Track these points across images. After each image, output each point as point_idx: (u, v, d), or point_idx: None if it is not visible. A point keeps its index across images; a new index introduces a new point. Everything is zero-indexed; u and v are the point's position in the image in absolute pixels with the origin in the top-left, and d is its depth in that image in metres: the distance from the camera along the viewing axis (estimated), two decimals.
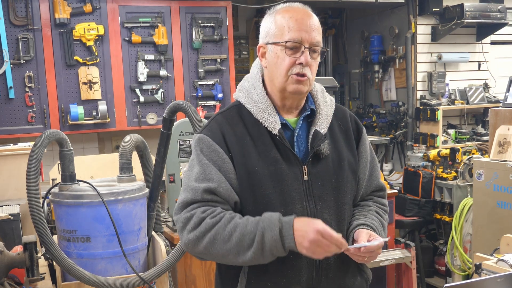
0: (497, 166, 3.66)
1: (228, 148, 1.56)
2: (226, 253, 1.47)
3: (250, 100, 1.61)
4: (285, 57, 1.54)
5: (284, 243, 1.41)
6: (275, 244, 1.41)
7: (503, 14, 5.23)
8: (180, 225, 1.54)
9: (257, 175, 1.53)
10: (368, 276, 1.70)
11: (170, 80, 4.57)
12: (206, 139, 1.57)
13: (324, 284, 1.57)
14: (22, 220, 2.68)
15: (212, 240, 1.47)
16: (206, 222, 1.48)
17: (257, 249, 1.43)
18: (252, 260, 1.45)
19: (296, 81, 1.54)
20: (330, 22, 6.36)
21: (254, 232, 1.43)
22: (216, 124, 1.60)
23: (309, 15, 1.57)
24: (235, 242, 1.44)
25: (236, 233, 1.45)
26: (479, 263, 2.18)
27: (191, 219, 1.50)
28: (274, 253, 1.43)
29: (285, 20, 1.55)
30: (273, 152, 1.55)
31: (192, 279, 3.08)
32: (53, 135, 2.33)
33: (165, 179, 3.02)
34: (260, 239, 1.42)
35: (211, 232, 1.47)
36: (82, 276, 2.22)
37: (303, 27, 1.53)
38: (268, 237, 1.41)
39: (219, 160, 1.55)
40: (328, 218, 1.57)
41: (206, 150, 1.56)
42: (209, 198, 1.52)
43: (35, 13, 4.11)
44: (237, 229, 1.45)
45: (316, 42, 1.55)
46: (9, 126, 4.11)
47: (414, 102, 5.42)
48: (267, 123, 1.57)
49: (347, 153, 1.65)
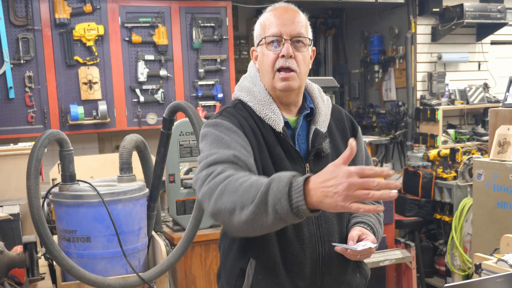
0: (497, 166, 3.66)
1: (247, 136, 1.53)
2: (232, 206, 1.28)
3: (253, 98, 1.61)
4: (269, 53, 1.56)
5: (291, 197, 1.21)
6: (279, 196, 1.21)
7: (503, 14, 5.23)
8: (199, 183, 1.40)
9: (267, 169, 1.53)
10: (367, 273, 1.72)
11: (170, 80, 4.57)
12: (224, 122, 1.52)
13: (327, 280, 1.59)
14: (22, 220, 2.68)
15: (222, 190, 1.31)
16: (224, 174, 1.35)
17: (260, 200, 1.23)
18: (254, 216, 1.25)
19: (281, 78, 1.55)
20: (330, 22, 6.36)
21: (261, 184, 1.26)
22: (230, 114, 1.58)
23: (289, 10, 1.59)
24: (241, 192, 1.28)
25: (246, 183, 1.29)
26: (479, 263, 2.17)
27: (211, 174, 1.38)
28: (278, 210, 1.21)
29: (266, 18, 1.59)
30: (278, 149, 1.56)
31: (192, 279, 3.08)
32: (53, 135, 2.33)
33: (165, 179, 3.02)
34: (265, 189, 1.24)
35: (223, 183, 1.33)
36: (82, 276, 2.22)
37: (282, 21, 1.55)
38: (274, 187, 1.23)
39: (242, 141, 1.49)
40: (330, 215, 1.59)
41: (226, 131, 1.49)
42: (235, 161, 1.41)
43: (35, 13, 4.11)
44: (248, 180, 1.30)
45: (297, 33, 1.55)
46: (9, 126, 4.11)
47: (414, 102, 5.42)
48: (270, 121, 1.57)
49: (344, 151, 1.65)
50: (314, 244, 1.56)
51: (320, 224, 1.57)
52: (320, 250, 1.57)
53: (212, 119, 1.58)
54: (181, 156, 3.05)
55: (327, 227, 1.58)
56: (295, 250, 1.52)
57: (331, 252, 1.57)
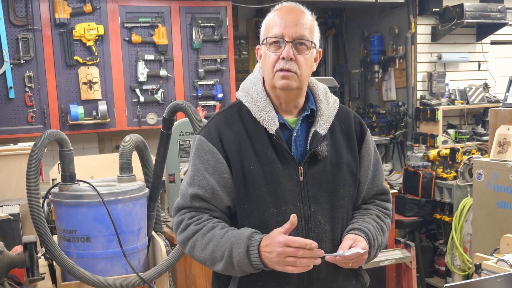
0: (497, 166, 3.66)
1: (224, 148, 1.57)
2: (203, 261, 1.55)
3: (250, 99, 1.61)
4: (270, 54, 1.55)
5: (250, 261, 1.44)
6: (241, 261, 1.45)
7: (503, 14, 5.23)
8: (174, 227, 1.62)
9: (251, 174, 1.53)
10: (365, 280, 1.68)
11: (170, 80, 4.57)
12: (202, 140, 1.60)
13: (316, 285, 1.55)
14: (22, 220, 2.68)
15: (192, 246, 1.55)
16: (190, 228, 1.55)
17: (227, 263, 1.48)
18: (225, 271, 1.51)
19: (281, 77, 1.53)
20: (330, 22, 6.36)
21: (225, 246, 1.48)
22: (214, 125, 1.61)
23: (294, 11, 1.55)
24: (209, 252, 1.51)
25: (211, 244, 1.50)
26: (479, 263, 2.17)
27: (181, 224, 1.58)
28: (243, 269, 1.47)
29: (271, 18, 1.57)
30: (269, 151, 1.55)
31: (192, 279, 3.08)
32: (53, 135, 2.33)
33: (165, 179, 3.02)
34: (229, 254, 1.47)
35: (192, 239, 1.54)
36: (82, 276, 2.22)
37: (286, 22, 1.53)
38: (236, 253, 1.45)
39: (214, 161, 1.57)
40: (322, 220, 1.55)
41: (202, 151, 1.59)
42: (198, 205, 1.58)
43: (35, 13, 4.11)
44: (213, 239, 1.50)
45: (299, 35, 1.52)
46: (9, 126, 4.11)
47: (414, 102, 5.42)
48: (265, 122, 1.56)
49: (347, 155, 1.62)
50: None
51: (310, 229, 1.54)
52: None
53: (200, 130, 1.66)
54: (181, 156, 3.06)
55: (317, 231, 1.54)
56: None
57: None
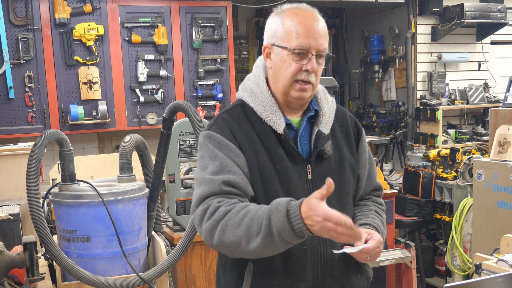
0: (497, 166, 3.66)
1: (239, 144, 1.55)
2: (237, 240, 1.41)
3: (255, 99, 1.61)
4: (292, 63, 1.54)
5: (292, 225, 1.33)
6: (282, 226, 1.34)
7: (503, 14, 5.23)
8: (198, 219, 1.49)
9: (266, 171, 1.54)
10: (369, 274, 1.72)
11: (170, 80, 4.57)
12: (216, 135, 1.56)
13: (329, 282, 1.59)
14: (22, 220, 2.68)
15: (224, 227, 1.42)
16: (221, 210, 1.44)
17: (266, 233, 1.36)
18: (263, 246, 1.38)
19: (300, 89, 1.55)
20: (330, 22, 6.37)
21: (262, 216, 1.38)
22: (223, 122, 1.60)
23: (317, 20, 1.56)
24: (245, 227, 1.39)
25: (246, 218, 1.40)
26: (479, 263, 2.17)
27: (207, 210, 1.47)
28: (284, 237, 1.35)
29: (294, 25, 1.53)
30: (279, 150, 1.56)
31: (192, 279, 3.08)
32: (53, 135, 2.33)
33: (165, 179, 3.01)
34: (267, 223, 1.36)
35: (223, 219, 1.43)
36: (82, 276, 2.22)
37: (311, 33, 1.53)
38: (275, 219, 1.35)
39: (233, 155, 1.53)
40: None
41: (218, 146, 1.54)
42: (228, 190, 1.49)
43: (35, 13, 4.11)
44: (248, 214, 1.41)
45: (323, 49, 1.55)
46: (9, 126, 4.11)
47: (414, 102, 5.42)
48: (272, 122, 1.57)
49: (347, 153, 1.67)
50: (316, 245, 1.56)
51: None
52: (322, 251, 1.56)
53: (208, 126, 1.62)
54: (181, 156, 3.05)
55: None
56: (296, 252, 1.52)
57: (333, 253, 1.57)
